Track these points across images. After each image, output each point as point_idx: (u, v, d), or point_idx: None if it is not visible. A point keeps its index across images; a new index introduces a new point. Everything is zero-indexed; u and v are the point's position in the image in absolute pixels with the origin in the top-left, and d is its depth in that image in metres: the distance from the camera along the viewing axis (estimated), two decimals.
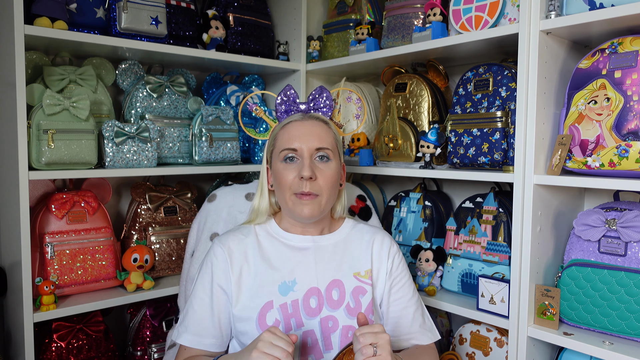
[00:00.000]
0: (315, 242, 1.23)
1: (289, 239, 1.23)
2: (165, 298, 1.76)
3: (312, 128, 1.19)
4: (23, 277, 1.40)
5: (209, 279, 1.18)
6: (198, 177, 2.09)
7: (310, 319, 1.17)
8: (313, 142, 1.17)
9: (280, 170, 1.18)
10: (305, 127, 1.19)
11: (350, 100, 1.95)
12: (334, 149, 1.21)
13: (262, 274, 1.18)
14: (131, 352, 1.76)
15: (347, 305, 1.19)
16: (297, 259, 1.21)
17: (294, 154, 1.17)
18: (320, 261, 1.21)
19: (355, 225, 1.31)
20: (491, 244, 1.51)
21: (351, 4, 1.97)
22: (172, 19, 1.76)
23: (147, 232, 1.74)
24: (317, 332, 1.16)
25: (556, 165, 1.32)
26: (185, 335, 1.18)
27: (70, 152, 1.46)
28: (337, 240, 1.26)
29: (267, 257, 1.20)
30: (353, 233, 1.29)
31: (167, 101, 1.78)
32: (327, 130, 1.22)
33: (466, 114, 1.52)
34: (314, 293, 1.18)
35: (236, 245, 1.21)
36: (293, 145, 1.17)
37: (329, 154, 1.19)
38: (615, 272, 1.24)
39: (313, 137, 1.17)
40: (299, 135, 1.18)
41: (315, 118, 1.22)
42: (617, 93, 1.24)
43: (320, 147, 1.17)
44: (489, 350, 1.52)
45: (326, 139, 1.19)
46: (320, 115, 1.25)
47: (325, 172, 1.17)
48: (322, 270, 1.20)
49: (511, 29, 1.37)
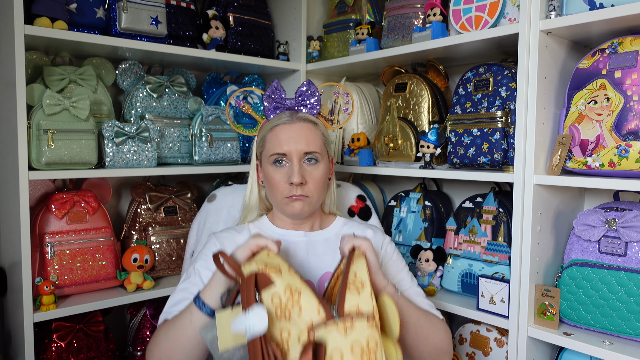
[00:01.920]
0: (308, 237, 1.26)
1: (282, 234, 1.26)
2: (165, 298, 1.73)
3: (300, 131, 1.20)
4: (23, 277, 1.40)
5: (204, 265, 1.18)
6: (198, 177, 2.09)
7: None
8: (301, 146, 1.18)
9: (271, 173, 1.21)
10: (294, 131, 1.20)
11: (338, 94, 1.94)
12: (322, 150, 1.22)
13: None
14: (131, 352, 1.76)
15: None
16: (289, 253, 1.23)
17: (283, 158, 1.19)
18: (312, 255, 1.24)
19: (346, 222, 1.33)
20: (491, 244, 1.51)
21: (351, 4, 1.97)
22: (172, 19, 1.76)
23: (147, 232, 1.74)
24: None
25: (556, 165, 1.32)
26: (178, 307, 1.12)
27: (70, 152, 1.46)
28: (329, 235, 1.28)
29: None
30: (344, 229, 1.31)
31: (167, 101, 1.78)
32: (315, 131, 1.22)
33: (466, 114, 1.52)
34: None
35: (230, 241, 1.23)
36: (282, 150, 1.18)
37: (317, 157, 1.20)
38: (615, 272, 1.24)
39: (301, 141, 1.19)
40: (287, 139, 1.19)
41: (303, 120, 1.22)
42: (617, 93, 1.24)
43: (308, 151, 1.19)
44: (489, 350, 1.52)
45: (314, 142, 1.20)
46: (307, 115, 1.24)
47: (314, 175, 1.19)
48: (315, 264, 1.23)
49: (511, 29, 1.37)
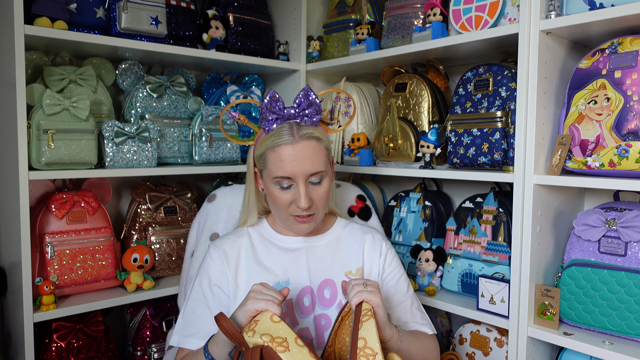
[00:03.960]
0: (307, 242, 1.25)
1: (282, 240, 1.25)
2: (165, 298, 1.76)
3: (305, 152, 1.13)
4: (23, 277, 1.40)
5: (207, 282, 1.19)
6: (198, 177, 2.09)
7: (304, 317, 1.19)
8: (307, 167, 1.13)
9: (275, 192, 1.16)
10: (297, 151, 1.12)
11: (339, 99, 1.95)
12: (326, 166, 1.17)
13: (256, 276, 1.19)
14: (131, 352, 1.76)
15: (339, 303, 1.21)
16: (289, 260, 1.23)
17: (288, 181, 1.14)
18: (312, 261, 1.23)
19: (346, 224, 1.32)
20: (491, 244, 1.51)
21: (351, 4, 1.97)
22: (172, 19, 1.76)
23: (147, 232, 1.74)
24: (311, 329, 1.19)
25: (556, 165, 1.32)
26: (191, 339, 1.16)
27: (70, 152, 1.46)
28: (329, 240, 1.28)
29: (260, 260, 1.22)
30: (345, 232, 1.30)
31: (167, 101, 1.78)
32: (319, 148, 1.15)
33: (466, 114, 1.52)
34: (307, 292, 1.21)
35: (230, 247, 1.22)
36: (286, 174, 1.12)
37: (322, 175, 1.16)
38: (615, 272, 1.24)
39: (306, 162, 1.13)
40: (291, 161, 1.12)
41: (307, 138, 1.14)
42: (617, 93, 1.24)
43: (314, 172, 1.14)
44: (489, 350, 1.52)
45: (319, 160, 1.14)
46: (310, 131, 1.15)
47: (319, 193, 1.16)
48: (314, 270, 1.23)
49: (511, 29, 1.37)
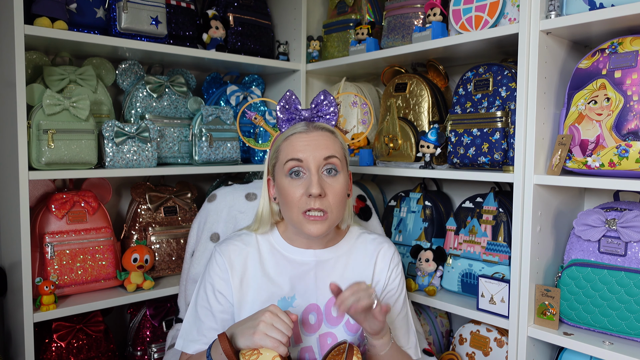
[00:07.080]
0: (317, 256, 1.18)
1: (291, 252, 1.18)
2: (165, 298, 1.75)
3: (318, 138, 1.11)
4: (23, 277, 1.40)
5: (211, 288, 1.15)
6: (198, 177, 2.09)
7: (308, 335, 1.15)
8: (320, 151, 1.09)
9: (286, 186, 1.10)
10: (311, 138, 1.10)
11: (356, 105, 1.92)
12: (342, 158, 1.13)
13: (262, 289, 1.15)
14: (131, 352, 1.76)
15: (347, 321, 1.18)
16: (297, 275, 1.17)
17: (300, 166, 1.09)
18: (321, 277, 1.17)
19: (360, 235, 1.26)
20: (491, 244, 1.51)
21: (351, 4, 1.97)
22: (172, 19, 1.76)
23: (147, 232, 1.74)
24: (315, 348, 1.15)
25: (556, 165, 1.32)
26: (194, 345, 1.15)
27: (70, 152, 1.46)
28: (340, 253, 1.21)
29: (267, 271, 1.16)
30: (357, 244, 1.24)
31: (167, 101, 1.78)
32: (334, 139, 1.13)
33: (466, 114, 1.52)
34: (313, 309, 1.16)
35: (236, 255, 1.16)
36: (298, 156, 1.08)
37: (337, 165, 1.11)
38: (615, 272, 1.24)
39: (319, 147, 1.09)
40: (304, 146, 1.09)
41: (321, 128, 1.13)
42: (617, 93, 1.24)
43: (328, 155, 1.09)
44: (489, 350, 1.52)
45: (333, 147, 1.11)
46: (325, 124, 1.15)
47: (334, 187, 1.10)
48: (323, 287, 1.17)
49: (511, 29, 1.37)
